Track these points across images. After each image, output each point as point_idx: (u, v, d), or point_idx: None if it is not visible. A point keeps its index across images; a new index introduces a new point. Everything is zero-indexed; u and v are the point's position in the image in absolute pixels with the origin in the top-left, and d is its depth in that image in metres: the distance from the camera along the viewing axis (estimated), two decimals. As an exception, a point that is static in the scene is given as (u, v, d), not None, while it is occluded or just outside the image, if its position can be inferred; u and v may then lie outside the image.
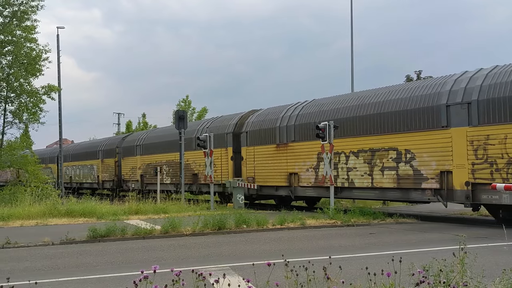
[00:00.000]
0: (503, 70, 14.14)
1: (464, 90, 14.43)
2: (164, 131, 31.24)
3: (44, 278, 7.66)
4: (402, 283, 4.23)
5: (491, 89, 13.85)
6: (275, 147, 20.84)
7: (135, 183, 31.75)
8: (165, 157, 28.65)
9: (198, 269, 4.28)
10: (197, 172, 25.72)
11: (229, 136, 23.60)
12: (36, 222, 15.71)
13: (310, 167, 19.11)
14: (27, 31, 25.65)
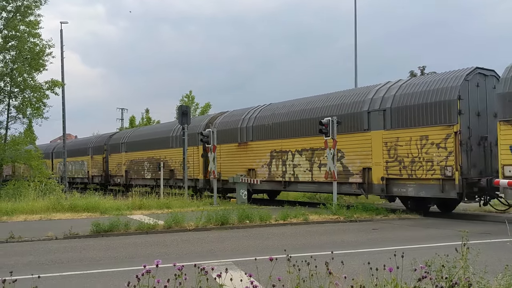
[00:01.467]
0: (412, 82, 16.70)
1: (382, 99, 16.83)
2: (146, 130, 34.27)
3: (47, 272, 7.69)
4: (404, 279, 4.23)
5: (400, 98, 16.23)
6: (237, 146, 23.11)
7: (120, 178, 33.89)
8: (146, 154, 30.80)
9: (200, 263, 4.30)
10: (174, 168, 27.64)
11: (199, 135, 24.61)
12: (40, 217, 15.78)
13: (265, 163, 21.31)
14: (31, 26, 25.69)
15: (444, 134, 14.92)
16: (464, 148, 14.68)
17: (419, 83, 16.32)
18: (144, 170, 30.83)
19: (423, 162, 15.32)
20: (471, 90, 15.10)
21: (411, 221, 14.55)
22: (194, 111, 43.45)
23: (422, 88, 15.84)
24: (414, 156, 15.55)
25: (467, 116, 14.86)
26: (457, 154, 14.60)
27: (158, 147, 29.55)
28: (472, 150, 14.88)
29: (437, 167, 14.98)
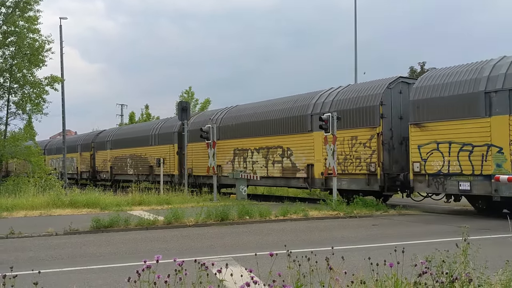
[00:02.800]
0: (347, 89, 18.98)
1: (322, 104, 19.06)
2: (129, 129, 36.82)
3: (48, 268, 7.70)
4: (404, 274, 4.23)
5: (337, 103, 18.50)
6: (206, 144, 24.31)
7: (106, 174, 36.16)
8: (129, 151, 33.09)
9: (201, 259, 4.30)
10: (152, 165, 29.78)
11: (175, 134, 27.85)
12: (40, 213, 15.79)
13: (229, 160, 23.42)
14: (30, 21, 25.60)
15: (369, 135, 17.06)
16: (386, 147, 16.77)
17: (352, 90, 18.59)
18: (127, 166, 33.16)
19: (353, 159, 17.55)
20: (394, 96, 17.21)
21: (411, 217, 14.56)
22: (194, 107, 43.37)
23: (354, 95, 18.08)
24: (346, 154, 17.80)
25: (389, 119, 16.92)
26: (379, 152, 16.73)
27: (139, 145, 31.76)
28: (394, 149, 16.92)
29: (363, 163, 17.15)
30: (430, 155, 15.24)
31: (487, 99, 13.96)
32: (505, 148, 13.50)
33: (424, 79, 16.12)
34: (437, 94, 15.17)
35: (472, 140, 14.26)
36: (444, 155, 14.89)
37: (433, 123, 15.18)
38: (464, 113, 14.45)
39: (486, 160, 13.94)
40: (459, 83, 14.83)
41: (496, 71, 14.18)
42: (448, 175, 14.79)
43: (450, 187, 14.78)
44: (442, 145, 14.93)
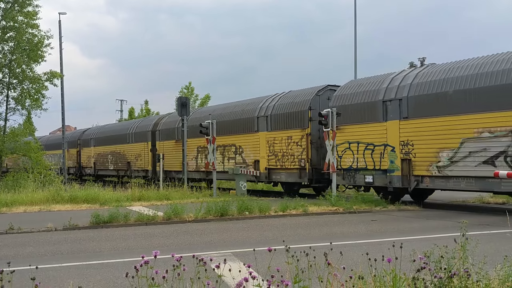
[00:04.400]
0: (286, 95, 21.69)
1: (266, 108, 21.88)
2: (110, 127, 39.40)
3: (47, 263, 7.72)
4: (403, 269, 4.23)
5: (277, 107, 21.29)
6: (175, 142, 27.71)
7: (90, 169, 38.77)
8: (111, 148, 35.54)
9: (199, 255, 4.29)
10: (130, 161, 32.69)
11: (149, 133, 30.69)
12: (39, 208, 15.79)
13: (193, 157, 25.86)
14: (29, 17, 25.52)
15: (300, 135, 19.84)
16: (314, 145, 19.49)
17: (289, 96, 21.47)
18: (108, 162, 35.83)
19: (289, 156, 20.27)
20: (322, 102, 19.68)
21: (410, 212, 14.57)
22: (194, 103, 43.30)
23: (289, 101, 20.92)
24: (284, 151, 20.52)
25: (317, 122, 18.48)
26: (308, 150, 19.45)
27: (119, 142, 34.44)
28: (322, 147, 19.08)
29: (296, 160, 19.86)
30: (344, 153, 17.86)
31: (384, 107, 16.51)
32: (396, 147, 16.08)
33: (341, 88, 18.79)
34: (349, 102, 17.79)
35: (374, 140, 16.82)
36: (354, 153, 17.46)
37: (346, 126, 17.68)
38: (368, 118, 17.02)
39: (383, 157, 16.51)
40: (365, 92, 17.41)
41: (392, 84, 16.72)
42: (357, 170, 17.42)
43: (358, 180, 17.40)
44: (353, 145, 17.49)
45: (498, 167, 13.34)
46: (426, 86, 15.55)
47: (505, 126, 13.36)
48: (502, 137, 13.42)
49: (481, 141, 13.89)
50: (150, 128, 30.62)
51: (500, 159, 13.48)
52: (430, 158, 15.12)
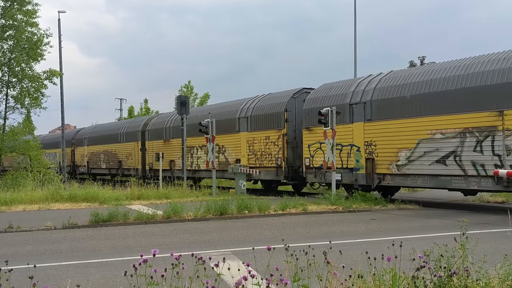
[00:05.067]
0: (264, 97, 22.94)
1: (246, 109, 22.99)
2: (103, 127, 40.55)
3: (46, 262, 7.70)
4: (403, 268, 4.22)
5: (256, 109, 22.46)
6: (163, 142, 29.26)
7: (83, 168, 40.06)
8: (103, 147, 36.88)
9: (199, 253, 4.28)
10: (121, 160, 34.09)
11: (139, 133, 32.10)
12: (38, 207, 15.77)
13: (180, 156, 26.40)
14: (28, 15, 25.46)
15: (277, 135, 20.95)
16: (290, 145, 20.63)
17: (267, 98, 22.65)
18: (101, 161, 37.22)
19: (267, 155, 21.40)
20: (298, 104, 20.74)
21: (410, 211, 14.56)
22: (193, 101, 43.27)
23: (267, 103, 22.07)
24: (262, 151, 21.64)
25: (293, 123, 20.65)
26: (284, 149, 20.58)
27: (111, 142, 35.66)
28: (298, 147, 20.46)
29: (273, 158, 21.01)
30: (316, 152, 19.06)
31: (351, 110, 17.61)
32: (361, 148, 17.23)
33: (314, 91, 20.02)
34: (320, 105, 18.69)
35: (342, 141, 17.89)
36: (324, 153, 18.16)
37: (317, 127, 18.46)
38: (336, 120, 17.38)
39: (350, 156, 17.73)
40: (335, 96, 18.61)
41: (358, 88, 17.84)
42: (328, 168, 17.78)
43: (328, 177, 18.18)
44: (323, 145, 18.19)
45: (449, 166, 14.55)
46: (387, 90, 16.67)
47: (454, 128, 14.52)
48: (452, 138, 14.58)
49: (434, 142, 15.02)
50: (140, 128, 31.99)
51: (450, 159, 14.60)
52: (391, 157, 16.25)
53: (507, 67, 13.57)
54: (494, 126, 13.66)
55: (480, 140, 13.96)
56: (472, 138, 14.12)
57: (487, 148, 13.81)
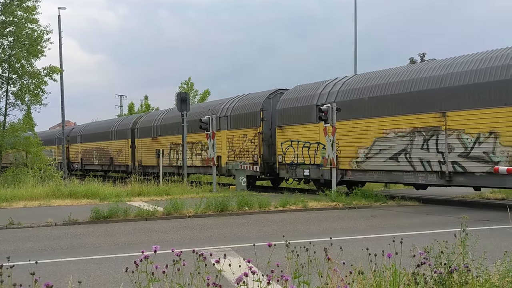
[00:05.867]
0: (242, 98, 24.38)
1: (226, 109, 24.47)
2: (96, 124, 42.14)
3: (47, 258, 7.72)
4: (403, 265, 4.22)
5: (235, 109, 23.91)
6: (151, 139, 30.72)
7: (77, 164, 41.37)
8: (96, 144, 38.38)
9: (199, 250, 4.29)
10: (112, 156, 35.62)
11: (129, 131, 33.53)
12: (39, 203, 15.79)
13: (167, 153, 28.42)
14: (28, 11, 25.43)
15: (254, 134, 22.36)
16: (265, 143, 22.07)
17: (246, 98, 24.04)
18: (93, 158, 38.72)
19: (245, 152, 22.71)
20: (273, 104, 22.08)
21: (410, 208, 14.58)
22: (193, 98, 43.21)
23: (246, 103, 23.37)
24: (241, 148, 23.02)
25: (269, 122, 22.14)
26: (260, 146, 22.02)
27: (103, 139, 37.06)
28: (273, 144, 21.90)
29: (251, 155, 22.30)
30: (287, 149, 20.53)
31: (317, 110, 18.20)
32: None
33: (287, 93, 21.52)
34: (292, 105, 20.45)
35: (309, 139, 19.41)
36: (295, 150, 20.05)
37: (289, 126, 20.43)
38: (305, 120, 19.57)
39: (317, 153, 19.08)
40: (304, 97, 19.97)
41: (325, 90, 19.21)
42: (298, 164, 19.95)
43: (299, 173, 19.99)
44: (294, 143, 20.09)
45: (400, 162, 15.92)
46: (349, 93, 18.08)
47: (405, 127, 15.86)
48: (403, 137, 15.91)
49: (388, 140, 16.34)
50: (130, 126, 33.44)
51: (401, 156, 15.92)
52: (351, 154, 17.62)
53: (448, 72, 15.00)
54: (438, 126, 14.96)
55: (427, 138, 15.28)
56: (420, 137, 15.44)
57: (432, 146, 15.14)
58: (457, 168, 14.54)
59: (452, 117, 14.64)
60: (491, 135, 13.76)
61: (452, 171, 14.65)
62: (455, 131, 14.55)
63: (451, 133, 14.65)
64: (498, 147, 13.59)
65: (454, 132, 14.59)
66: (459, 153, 14.48)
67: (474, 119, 14.11)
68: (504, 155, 13.49)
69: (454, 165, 14.60)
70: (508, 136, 13.37)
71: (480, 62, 14.45)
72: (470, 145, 14.20)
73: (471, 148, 14.18)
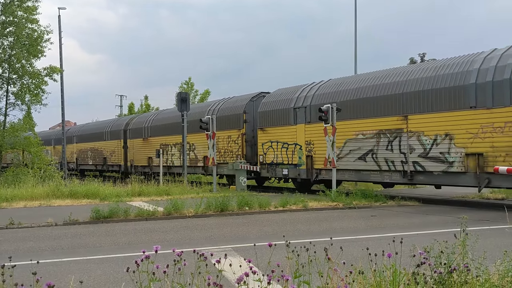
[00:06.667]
0: (227, 100, 25.56)
1: (213, 111, 25.26)
2: (90, 125, 43.56)
3: (47, 258, 7.72)
4: (403, 265, 4.23)
5: (220, 111, 24.87)
6: (142, 140, 32.05)
7: (72, 164, 42.19)
8: (89, 145, 39.77)
9: (200, 250, 4.30)
10: (106, 156, 36.90)
11: (121, 132, 34.88)
12: (39, 203, 15.79)
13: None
14: (28, 11, 25.44)
15: (237, 135, 23.46)
16: (248, 143, 23.22)
17: (230, 101, 25.10)
18: (88, 158, 40.00)
19: (229, 152, 23.87)
20: (255, 107, 23.27)
21: (410, 208, 14.58)
22: (194, 98, 43.23)
23: (230, 105, 24.49)
24: (226, 148, 24.18)
25: (251, 124, 23.30)
26: (243, 147, 23.19)
27: (97, 139, 38.29)
28: (255, 145, 22.97)
29: (234, 155, 23.36)
30: (268, 150, 21.73)
31: (294, 113, 20.22)
32: (303, 146, 19.80)
33: (268, 96, 22.73)
34: (271, 108, 21.67)
35: (287, 140, 20.64)
36: (274, 150, 21.30)
37: (269, 128, 21.69)
38: (284, 122, 20.82)
39: (294, 154, 20.19)
40: (283, 100, 21.24)
41: (302, 94, 20.41)
42: (277, 164, 21.14)
43: (278, 172, 21.18)
44: (273, 143, 21.39)
45: (368, 162, 16.89)
46: (323, 96, 19.22)
47: (372, 130, 16.92)
48: (371, 138, 16.96)
49: (358, 142, 17.42)
50: (123, 127, 34.70)
51: (369, 156, 16.96)
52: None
53: (410, 79, 16.13)
54: (401, 129, 16.11)
55: (391, 140, 16.42)
56: (385, 138, 16.56)
57: (396, 147, 16.28)
58: (418, 168, 15.64)
59: (413, 120, 15.78)
60: (446, 137, 14.89)
61: (413, 170, 15.74)
62: (416, 133, 15.68)
63: (412, 135, 15.78)
64: (453, 148, 14.73)
65: (414, 134, 15.72)
66: (419, 153, 15.58)
67: (432, 122, 15.21)
68: (458, 155, 14.58)
69: (415, 165, 15.69)
70: (461, 138, 14.51)
71: (438, 69, 15.49)
72: (428, 146, 15.33)
73: (429, 149, 15.31)
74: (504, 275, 4.44)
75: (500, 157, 13.61)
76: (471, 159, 14.24)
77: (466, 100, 14.41)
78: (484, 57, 14.55)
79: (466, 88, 14.41)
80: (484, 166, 13.96)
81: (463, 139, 14.42)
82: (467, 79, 14.43)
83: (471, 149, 14.24)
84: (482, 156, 13.99)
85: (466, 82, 14.45)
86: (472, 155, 14.23)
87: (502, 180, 13.67)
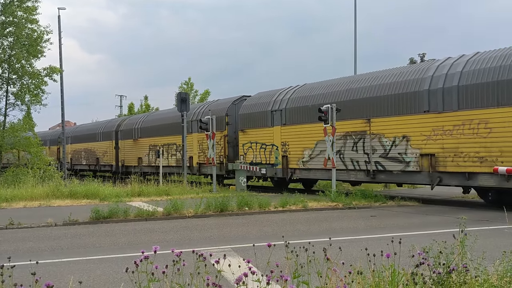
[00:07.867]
0: (213, 103, 26.73)
1: (198, 113, 26.36)
2: (83, 127, 44.97)
3: (47, 258, 7.73)
4: (402, 265, 4.24)
5: (204, 113, 24.72)
6: (133, 141, 33.12)
7: (67, 164, 41.01)
8: (83, 145, 40.99)
9: (199, 250, 4.31)
10: (98, 157, 38.07)
11: (113, 133, 35.88)
12: (39, 204, 15.80)
13: (146, 154, 31.27)
14: (28, 12, 25.44)
15: (220, 136, 24.18)
16: (230, 145, 24.30)
17: (214, 104, 26.41)
18: (82, 158, 41.31)
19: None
20: (237, 110, 24.34)
21: (409, 208, 14.59)
22: (193, 98, 43.23)
23: (214, 108, 25.16)
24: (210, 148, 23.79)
25: (234, 126, 24.34)
26: (225, 148, 24.24)
27: (90, 140, 39.41)
28: (237, 146, 23.94)
29: (218, 156, 23.76)
30: (248, 150, 22.81)
31: (272, 115, 21.50)
32: (279, 147, 21.09)
33: (249, 99, 23.84)
34: (251, 111, 22.87)
35: (265, 141, 21.85)
36: (254, 151, 22.45)
37: (249, 129, 22.83)
38: (262, 124, 21.98)
39: (271, 154, 21.47)
40: (262, 104, 22.33)
41: (278, 97, 21.66)
42: (256, 164, 22.00)
43: (257, 171, 21.83)
44: (253, 144, 22.52)
45: (336, 161, 17.24)
46: (296, 100, 20.45)
47: (340, 132, 17.86)
48: (339, 140, 17.95)
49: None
50: (114, 129, 35.77)
51: (337, 156, 17.82)
52: (298, 155, 19.90)
53: (373, 84, 17.28)
54: (365, 131, 17.32)
55: (356, 141, 17.64)
56: (351, 140, 17.78)
57: (360, 148, 17.49)
58: (379, 167, 16.87)
59: (375, 123, 16.98)
60: (404, 138, 16.08)
61: (375, 170, 16.98)
62: (377, 135, 16.89)
63: (374, 137, 17.00)
64: (409, 149, 15.91)
65: (376, 136, 16.93)
66: (380, 154, 16.80)
67: (391, 125, 16.45)
68: (414, 156, 15.72)
69: (377, 164, 16.93)
70: (416, 140, 15.67)
71: (398, 76, 16.67)
72: (388, 147, 16.53)
73: (389, 150, 16.51)
74: (503, 276, 4.45)
75: (449, 157, 14.77)
76: (425, 159, 15.41)
77: (421, 105, 15.63)
78: (438, 65, 15.71)
79: (421, 94, 15.63)
80: (436, 166, 15.10)
81: (418, 141, 15.57)
82: (422, 85, 15.65)
83: (425, 150, 15.41)
84: (434, 156, 15.16)
85: (421, 88, 15.66)
86: (426, 156, 15.39)
87: (451, 178, 14.93)
